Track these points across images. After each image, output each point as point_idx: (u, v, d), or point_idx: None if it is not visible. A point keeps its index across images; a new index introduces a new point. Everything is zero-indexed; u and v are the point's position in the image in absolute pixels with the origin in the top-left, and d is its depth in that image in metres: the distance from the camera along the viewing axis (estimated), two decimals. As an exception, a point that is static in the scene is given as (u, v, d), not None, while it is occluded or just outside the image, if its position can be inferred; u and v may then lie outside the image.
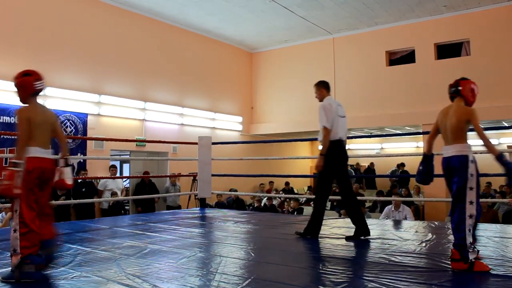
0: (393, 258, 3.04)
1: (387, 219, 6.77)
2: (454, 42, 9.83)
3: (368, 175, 12.24)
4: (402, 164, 11.58)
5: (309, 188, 13.15)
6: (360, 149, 15.51)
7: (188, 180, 9.69)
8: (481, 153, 7.48)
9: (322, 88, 4.14)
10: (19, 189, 2.50)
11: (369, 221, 3.94)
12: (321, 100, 4.09)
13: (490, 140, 2.70)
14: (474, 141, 2.75)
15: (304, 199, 9.60)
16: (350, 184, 4.17)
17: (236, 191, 10.02)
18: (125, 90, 9.04)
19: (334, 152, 3.92)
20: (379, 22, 10.33)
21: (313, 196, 4.56)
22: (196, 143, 6.56)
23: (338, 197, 8.04)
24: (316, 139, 4.48)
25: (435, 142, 3.06)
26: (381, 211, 7.81)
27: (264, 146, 12.28)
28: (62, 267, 2.83)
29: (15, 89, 2.75)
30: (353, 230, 3.92)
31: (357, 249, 3.52)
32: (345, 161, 4.07)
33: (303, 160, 15.31)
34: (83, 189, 7.69)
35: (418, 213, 9.12)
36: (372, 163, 13.20)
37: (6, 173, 2.52)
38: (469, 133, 2.77)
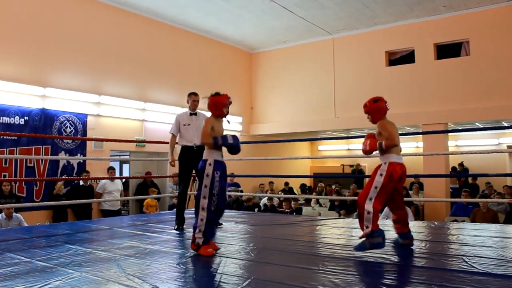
0: (393, 258, 3.04)
1: (386, 219, 6.76)
2: (453, 42, 9.82)
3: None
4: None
5: (309, 188, 13.16)
6: (359, 149, 15.50)
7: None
8: (480, 153, 7.50)
9: None
10: None
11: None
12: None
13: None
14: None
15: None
16: (188, 182, 4.81)
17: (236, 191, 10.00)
18: (124, 90, 9.03)
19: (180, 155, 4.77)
20: (378, 22, 10.34)
21: (310, 196, 4.63)
22: (195, 143, 6.54)
23: (338, 197, 8.04)
24: (315, 139, 4.61)
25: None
26: (381, 211, 7.80)
27: (264, 146, 12.28)
28: (62, 267, 2.82)
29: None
30: (353, 230, 3.93)
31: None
32: (188, 162, 4.66)
33: (303, 160, 15.33)
34: (82, 191, 7.68)
35: (418, 213, 9.13)
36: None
37: None
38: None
